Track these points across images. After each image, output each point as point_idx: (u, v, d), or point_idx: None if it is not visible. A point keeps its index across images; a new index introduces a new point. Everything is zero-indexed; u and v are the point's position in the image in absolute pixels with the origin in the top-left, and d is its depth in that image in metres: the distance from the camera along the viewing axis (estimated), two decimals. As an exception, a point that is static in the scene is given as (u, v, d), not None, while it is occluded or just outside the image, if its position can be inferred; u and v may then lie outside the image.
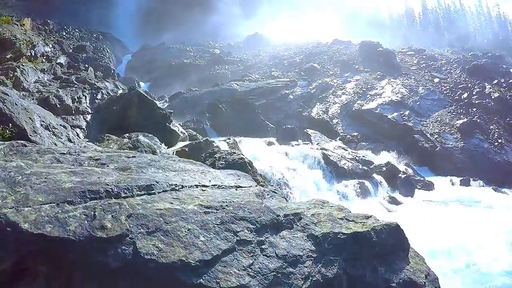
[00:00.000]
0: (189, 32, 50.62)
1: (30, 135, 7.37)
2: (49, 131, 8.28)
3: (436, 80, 32.73)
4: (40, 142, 7.50)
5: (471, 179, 19.78)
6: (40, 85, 18.92)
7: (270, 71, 36.59)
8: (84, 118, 17.62)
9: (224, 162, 6.48)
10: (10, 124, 6.95)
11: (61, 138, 8.52)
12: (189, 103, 26.90)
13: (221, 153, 6.62)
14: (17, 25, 22.03)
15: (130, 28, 53.08)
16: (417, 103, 27.81)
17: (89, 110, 18.53)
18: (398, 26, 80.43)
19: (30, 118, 7.72)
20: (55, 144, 8.04)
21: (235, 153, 6.59)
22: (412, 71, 35.03)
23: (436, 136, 24.19)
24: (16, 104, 7.64)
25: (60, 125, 8.89)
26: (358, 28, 59.47)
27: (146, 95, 14.32)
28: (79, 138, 15.84)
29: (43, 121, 8.21)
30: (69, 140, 8.85)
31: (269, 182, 8.69)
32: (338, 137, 23.61)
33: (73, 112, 17.71)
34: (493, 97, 28.65)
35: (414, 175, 19.03)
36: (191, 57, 42.17)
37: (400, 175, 16.96)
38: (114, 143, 10.97)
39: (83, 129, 16.95)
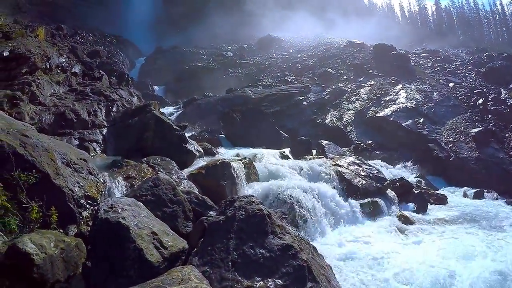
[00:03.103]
0: (201, 35, 50.65)
1: (54, 179, 7.53)
2: (71, 167, 8.42)
3: (451, 84, 32.49)
4: (63, 185, 7.66)
5: (485, 191, 19.57)
6: (56, 98, 19.12)
7: (283, 75, 36.63)
8: (100, 132, 17.83)
9: (244, 213, 6.61)
10: (34, 170, 7.09)
11: (82, 173, 8.67)
12: (203, 110, 27.04)
13: (241, 201, 6.74)
14: (31, 36, 22.21)
15: (143, 31, 53.29)
16: (432, 110, 27.62)
17: (105, 124, 18.71)
18: (412, 25, 79.83)
19: (51, 159, 7.87)
20: (78, 182, 8.20)
21: (254, 202, 6.71)
22: (426, 75, 34.79)
23: (451, 145, 24.04)
24: (36, 146, 7.80)
25: (80, 158, 9.02)
26: (370, 28, 59.03)
27: (162, 117, 14.43)
28: (97, 152, 16.17)
29: (64, 158, 8.36)
30: (90, 173, 8.99)
31: (287, 219, 8.78)
32: (352, 146, 23.65)
33: (90, 126, 17.93)
34: (508, 104, 28.32)
35: (427, 188, 18.95)
36: (204, 60, 42.29)
37: (413, 190, 16.98)
38: (133, 169, 11.17)
39: (100, 143, 17.17)
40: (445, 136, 25.01)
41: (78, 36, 40.44)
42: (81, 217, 7.90)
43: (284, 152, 18.25)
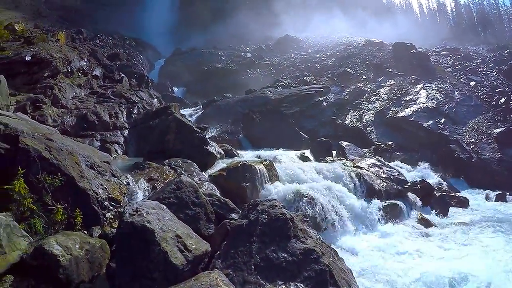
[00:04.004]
0: (219, 36, 50.75)
1: (78, 182, 7.67)
2: (94, 170, 8.57)
3: (472, 83, 32.05)
4: (87, 187, 7.78)
5: (507, 193, 19.26)
6: (78, 101, 19.48)
7: (302, 75, 36.55)
8: (121, 134, 18.12)
9: (267, 216, 6.64)
10: (59, 173, 7.23)
11: (105, 176, 8.80)
12: (223, 111, 27.12)
13: (264, 205, 6.78)
14: (52, 41, 22.61)
15: (161, 33, 53.60)
16: (453, 110, 27.25)
17: (126, 125, 19.00)
18: (431, 23, 78.87)
19: (76, 162, 8.02)
20: (102, 184, 8.32)
21: (276, 206, 6.76)
22: (447, 73, 34.36)
23: (473, 146, 23.68)
24: (61, 149, 7.95)
25: (104, 161, 9.17)
26: (389, 26, 58.50)
27: (183, 119, 14.52)
28: (118, 154, 16.38)
29: (87, 161, 8.51)
30: (113, 175, 9.12)
31: (308, 221, 8.77)
32: (373, 146, 23.45)
33: (111, 128, 18.24)
34: (531, 103, 27.89)
35: (448, 190, 18.69)
36: (222, 61, 42.37)
37: (435, 192, 16.77)
38: (155, 171, 11.28)
39: (121, 144, 17.43)
40: (467, 136, 24.63)
41: (98, 39, 40.84)
42: (104, 218, 8.05)
43: (304, 153, 18.23)
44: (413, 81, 31.63)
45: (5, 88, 13.86)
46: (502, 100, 28.73)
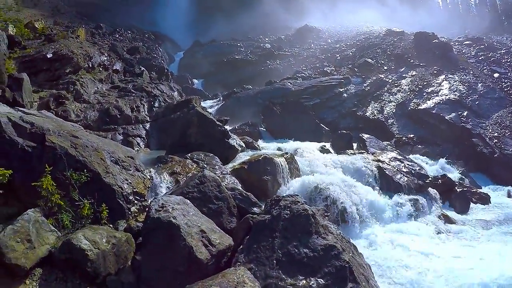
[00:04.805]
0: (238, 27, 50.46)
1: (104, 177, 7.87)
2: (119, 165, 8.76)
3: (496, 75, 31.38)
4: (112, 182, 7.96)
5: (530, 190, 18.85)
6: (100, 95, 19.82)
7: (322, 66, 36.22)
8: (143, 127, 18.40)
9: (289, 212, 6.75)
10: (85, 169, 7.43)
11: (129, 170, 8.98)
12: (243, 103, 27.09)
13: (286, 200, 6.91)
14: (73, 37, 22.99)
15: (180, 26, 53.51)
16: (476, 103, 26.68)
17: (148, 119, 19.26)
18: (453, 11, 77.33)
19: (101, 158, 8.23)
20: (126, 179, 8.49)
21: (299, 201, 6.91)
22: (470, 64, 33.71)
23: (496, 140, 23.16)
24: (86, 146, 8.17)
25: (128, 156, 9.36)
26: (410, 15, 57.43)
27: (205, 113, 14.62)
28: (140, 147, 16.63)
29: (112, 157, 8.71)
30: (137, 170, 9.29)
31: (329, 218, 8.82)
32: (394, 139, 23.24)
33: (133, 121, 18.52)
34: (557, 96, 27.25)
35: (470, 186, 18.40)
36: (242, 52, 42.16)
37: (456, 188, 16.63)
38: (177, 164, 11.44)
39: (143, 138, 17.70)
40: (490, 130, 24.07)
41: (117, 34, 40.95)
42: (129, 212, 8.24)
43: (325, 146, 18.16)
44: (435, 72, 31.12)
45: (28, 86, 14.27)
46: (527, 93, 28.14)
